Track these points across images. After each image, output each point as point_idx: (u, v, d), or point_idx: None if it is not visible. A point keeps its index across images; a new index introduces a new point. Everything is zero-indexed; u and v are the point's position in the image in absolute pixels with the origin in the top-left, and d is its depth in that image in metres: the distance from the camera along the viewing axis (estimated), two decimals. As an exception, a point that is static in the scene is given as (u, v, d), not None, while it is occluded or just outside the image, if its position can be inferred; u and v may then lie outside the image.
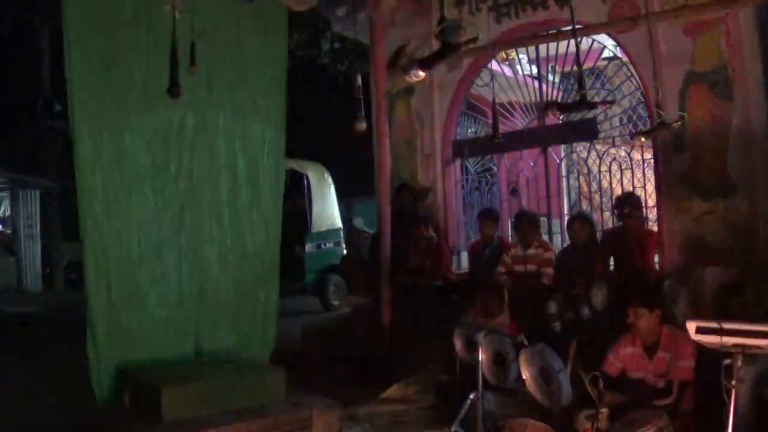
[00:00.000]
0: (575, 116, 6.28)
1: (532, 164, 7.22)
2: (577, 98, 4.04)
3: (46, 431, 4.73)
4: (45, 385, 5.82)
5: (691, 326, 2.95)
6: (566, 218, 6.82)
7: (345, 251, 11.62)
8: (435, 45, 3.63)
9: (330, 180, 11.67)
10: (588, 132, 6.54)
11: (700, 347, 3.12)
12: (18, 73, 15.51)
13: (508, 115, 7.38)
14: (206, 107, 5.13)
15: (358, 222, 13.24)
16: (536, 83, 7.15)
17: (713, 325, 2.87)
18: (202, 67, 3.85)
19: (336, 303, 10.67)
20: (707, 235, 5.35)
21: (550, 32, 6.14)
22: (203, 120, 5.12)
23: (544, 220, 6.85)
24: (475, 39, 3.08)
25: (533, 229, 6.02)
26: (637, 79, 6.01)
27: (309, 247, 11.10)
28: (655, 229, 5.88)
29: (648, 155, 6.17)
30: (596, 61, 6.90)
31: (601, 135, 6.65)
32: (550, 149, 7.07)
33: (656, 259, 5.69)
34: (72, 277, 14.56)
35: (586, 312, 5.20)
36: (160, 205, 4.92)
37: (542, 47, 6.81)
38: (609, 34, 6.25)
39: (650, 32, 5.10)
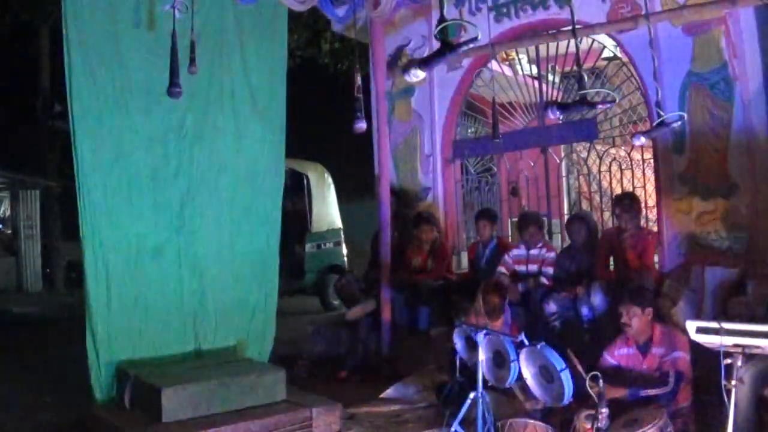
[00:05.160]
0: (575, 116, 6.27)
1: (532, 164, 7.21)
2: (577, 98, 4.03)
3: (46, 431, 4.73)
4: (45, 385, 5.81)
5: (691, 326, 2.95)
6: (566, 218, 6.82)
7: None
8: (435, 45, 3.62)
9: (330, 180, 11.65)
10: (588, 132, 6.53)
11: (698, 346, 3.11)
12: (18, 73, 15.51)
13: (508, 115, 7.37)
14: (206, 107, 5.13)
15: None
16: (536, 83, 7.14)
17: (713, 325, 2.87)
18: (201, 67, 3.86)
19: (336, 303, 10.66)
20: (707, 235, 5.35)
21: (550, 32, 6.14)
22: (203, 120, 5.13)
23: (544, 220, 6.85)
24: (475, 39, 3.07)
25: (538, 231, 6.01)
26: (637, 79, 6.01)
27: (309, 247, 11.08)
28: (655, 229, 5.88)
29: (648, 155, 6.17)
30: (596, 61, 6.89)
31: (601, 135, 6.65)
32: (550, 149, 7.07)
33: (656, 259, 5.68)
34: (72, 277, 14.55)
35: (585, 312, 5.21)
36: (159, 205, 4.93)
37: (542, 47, 6.81)
38: (609, 34, 6.24)
39: (650, 32, 5.09)
